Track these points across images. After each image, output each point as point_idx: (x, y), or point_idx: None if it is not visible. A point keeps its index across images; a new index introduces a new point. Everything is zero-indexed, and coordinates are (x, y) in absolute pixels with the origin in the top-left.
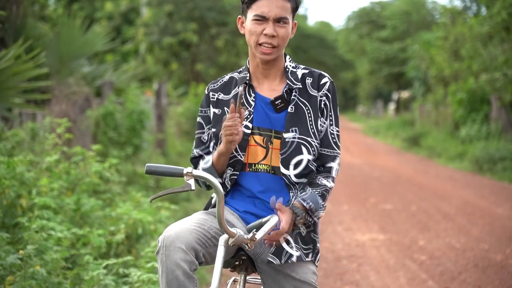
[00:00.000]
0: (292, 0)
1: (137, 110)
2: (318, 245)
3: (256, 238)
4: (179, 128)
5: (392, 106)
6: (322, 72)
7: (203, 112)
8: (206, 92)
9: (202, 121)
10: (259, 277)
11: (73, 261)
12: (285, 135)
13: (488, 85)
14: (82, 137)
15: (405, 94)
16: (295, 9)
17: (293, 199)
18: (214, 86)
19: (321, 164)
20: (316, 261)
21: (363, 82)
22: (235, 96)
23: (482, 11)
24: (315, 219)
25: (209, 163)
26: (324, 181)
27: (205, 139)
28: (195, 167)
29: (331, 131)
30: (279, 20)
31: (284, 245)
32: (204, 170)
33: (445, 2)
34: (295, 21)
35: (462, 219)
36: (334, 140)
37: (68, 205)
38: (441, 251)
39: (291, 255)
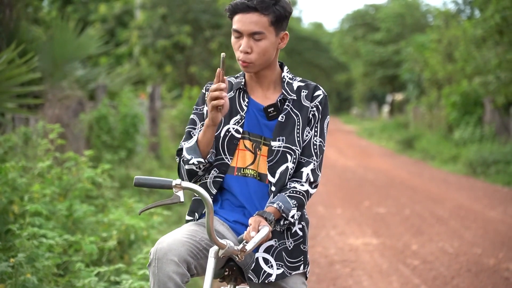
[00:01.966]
0: (270, 14)
1: (130, 113)
2: (308, 256)
3: (246, 249)
4: (173, 131)
5: (386, 109)
6: (318, 85)
7: (198, 110)
8: (204, 90)
9: (196, 118)
10: (248, 287)
11: (65, 267)
12: (273, 144)
13: (481, 88)
14: (75, 141)
15: (399, 96)
16: (275, 22)
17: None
18: (210, 85)
19: (295, 171)
20: (307, 272)
21: (357, 84)
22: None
23: (475, 14)
24: (290, 219)
25: (193, 141)
26: (293, 184)
27: (195, 134)
28: (179, 157)
29: (314, 142)
30: (254, 36)
31: (263, 264)
32: (188, 149)
33: (439, 5)
34: (286, 32)
35: (455, 223)
36: (316, 150)
37: (60, 211)
38: (434, 256)
39: (269, 274)
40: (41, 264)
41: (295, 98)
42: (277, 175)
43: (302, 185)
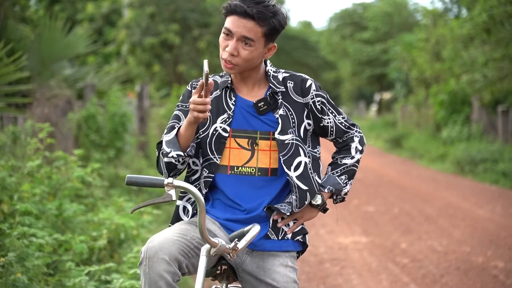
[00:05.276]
0: (265, 26)
1: (119, 112)
2: (307, 237)
3: (238, 248)
4: (161, 130)
5: (374, 107)
6: (303, 75)
7: (184, 106)
8: (189, 88)
9: (180, 114)
10: (240, 286)
11: (55, 267)
12: (283, 137)
13: (469, 86)
14: (64, 140)
15: (387, 95)
16: (268, 34)
17: (292, 201)
18: (197, 84)
19: (342, 148)
20: (306, 244)
21: (345, 83)
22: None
23: (463, 13)
24: (343, 196)
25: (173, 134)
26: (344, 161)
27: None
28: (159, 151)
29: (339, 121)
30: (244, 40)
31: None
32: (167, 142)
33: (427, 4)
34: (274, 44)
35: (444, 221)
36: (346, 125)
37: (50, 210)
38: (423, 254)
39: (286, 232)
40: (31, 264)
41: (284, 90)
42: (292, 169)
43: (353, 157)
